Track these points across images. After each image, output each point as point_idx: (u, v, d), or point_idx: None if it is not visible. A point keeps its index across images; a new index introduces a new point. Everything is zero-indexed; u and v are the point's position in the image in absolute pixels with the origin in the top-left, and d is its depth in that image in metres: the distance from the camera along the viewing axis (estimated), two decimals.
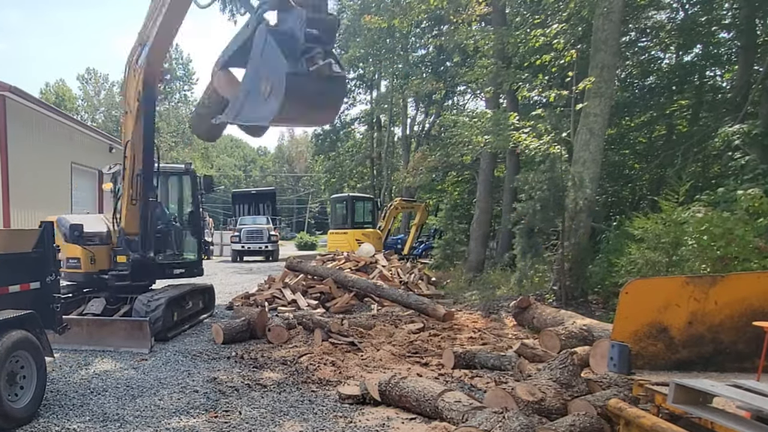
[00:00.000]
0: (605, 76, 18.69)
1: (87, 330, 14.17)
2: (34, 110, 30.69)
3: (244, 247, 44.98)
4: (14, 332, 8.60)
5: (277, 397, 10.16)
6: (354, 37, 52.23)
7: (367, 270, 23.34)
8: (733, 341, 6.62)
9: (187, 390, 10.57)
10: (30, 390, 8.92)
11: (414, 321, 16.24)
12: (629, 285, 6.68)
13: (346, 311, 18.62)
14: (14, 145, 27.46)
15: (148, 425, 8.71)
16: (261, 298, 20.06)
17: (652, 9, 27.09)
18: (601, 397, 8.17)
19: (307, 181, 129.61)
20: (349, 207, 40.87)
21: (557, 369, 9.25)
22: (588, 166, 18.65)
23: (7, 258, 9.45)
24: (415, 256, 38.76)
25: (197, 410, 9.42)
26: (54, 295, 10.38)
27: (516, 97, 28.49)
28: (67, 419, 8.98)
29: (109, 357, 13.08)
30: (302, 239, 75.59)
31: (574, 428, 7.42)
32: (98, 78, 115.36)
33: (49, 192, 30.91)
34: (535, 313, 15.39)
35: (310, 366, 11.95)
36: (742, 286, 6.64)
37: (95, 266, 16.00)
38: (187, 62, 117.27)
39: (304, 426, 8.66)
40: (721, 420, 5.26)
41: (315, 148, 74.10)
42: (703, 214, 13.00)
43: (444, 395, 8.62)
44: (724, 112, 21.40)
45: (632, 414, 6.01)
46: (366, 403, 9.71)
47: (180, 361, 12.84)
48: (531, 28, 23.99)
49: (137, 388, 10.74)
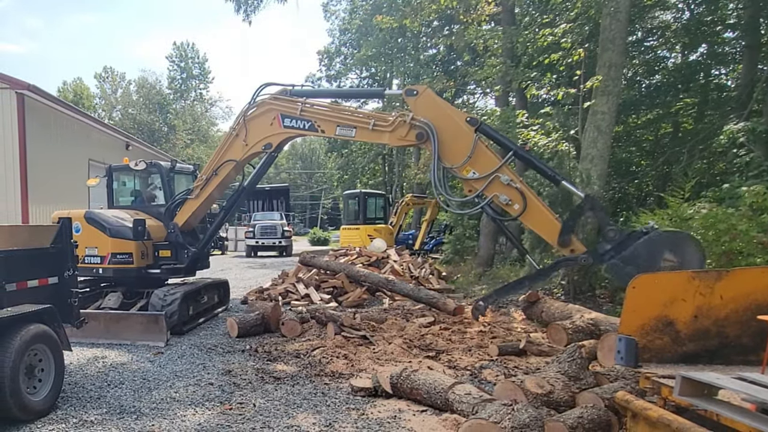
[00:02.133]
0: (612, 75, 18.67)
1: (104, 324, 14.18)
2: (52, 108, 30.79)
3: (258, 243, 44.98)
4: (33, 326, 8.63)
5: (290, 389, 10.16)
6: (366, 36, 52.22)
7: (378, 265, 23.31)
8: (738, 335, 6.60)
9: (202, 383, 10.59)
10: (48, 383, 8.95)
11: (425, 315, 16.23)
12: (636, 280, 6.66)
13: (359, 305, 18.60)
14: (33, 142, 27.57)
15: (163, 417, 8.72)
16: (275, 292, 20.07)
17: (659, 9, 27.06)
18: (608, 389, 8.17)
19: (320, 177, 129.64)
20: (362, 203, 40.88)
21: (565, 362, 9.25)
22: (596, 163, 18.63)
23: (26, 253, 9.49)
24: (425, 251, 38.69)
25: (212, 402, 9.43)
26: (72, 289, 10.41)
27: (525, 95, 28.45)
28: (84, 411, 8.99)
29: (125, 350, 13.11)
30: (315, 235, 75.53)
31: (582, 420, 7.41)
32: (115, 76, 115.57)
33: (66, 188, 30.92)
34: (543, 307, 15.36)
35: (323, 359, 11.95)
36: (747, 281, 6.63)
37: (145, 261, 16.05)
38: (203, 61, 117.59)
39: (317, 418, 8.65)
40: (727, 412, 5.25)
41: (328, 146, 74.06)
42: (708, 210, 12.97)
43: (454, 388, 8.61)
44: (729, 110, 21.35)
45: (639, 406, 6.00)
46: (378, 396, 9.72)
47: (195, 354, 12.86)
48: (539, 28, 23.99)
49: (153, 380, 10.76)
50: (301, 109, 14.16)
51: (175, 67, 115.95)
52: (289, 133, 14.59)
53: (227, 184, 16.14)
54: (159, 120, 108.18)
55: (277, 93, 14.79)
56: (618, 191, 24.34)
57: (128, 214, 16.47)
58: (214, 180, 15.42)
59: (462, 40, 28.03)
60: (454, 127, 12.70)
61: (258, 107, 14.76)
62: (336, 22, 63.18)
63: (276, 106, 14.51)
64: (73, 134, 33.50)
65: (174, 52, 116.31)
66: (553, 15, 25.09)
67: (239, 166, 15.40)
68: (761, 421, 4.98)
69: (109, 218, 15.84)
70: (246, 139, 14.89)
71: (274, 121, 14.51)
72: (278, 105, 14.51)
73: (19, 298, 9.03)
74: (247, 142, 14.90)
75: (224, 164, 15.25)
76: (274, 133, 14.60)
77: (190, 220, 16.08)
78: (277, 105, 14.51)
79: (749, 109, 19.13)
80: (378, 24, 36.29)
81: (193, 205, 15.86)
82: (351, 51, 60.96)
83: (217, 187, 15.55)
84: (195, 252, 16.18)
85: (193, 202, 15.84)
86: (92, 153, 35.85)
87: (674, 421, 5.41)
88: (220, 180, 15.40)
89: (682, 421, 5.36)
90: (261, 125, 14.75)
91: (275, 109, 14.50)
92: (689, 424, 5.29)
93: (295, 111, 14.19)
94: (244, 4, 32.47)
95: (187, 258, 16.19)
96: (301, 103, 14.21)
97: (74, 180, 31.42)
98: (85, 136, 35.31)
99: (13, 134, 26.69)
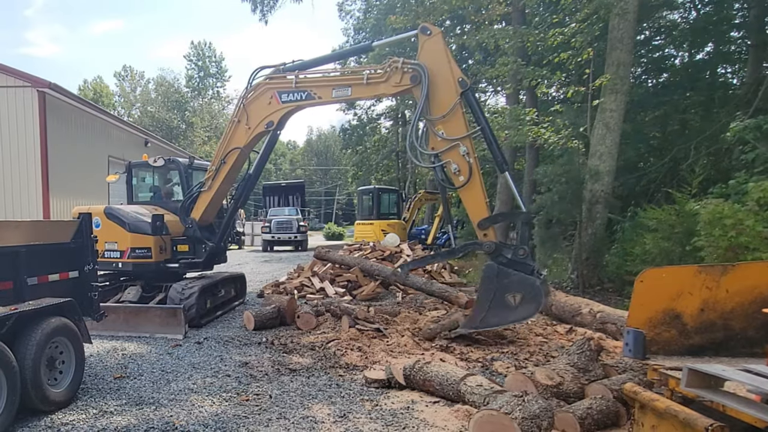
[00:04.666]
0: (621, 73, 18.71)
1: (124, 317, 14.27)
2: (73, 106, 31.02)
3: (274, 237, 45.02)
4: (54, 319, 8.67)
5: (305, 381, 10.18)
6: (380, 35, 52.18)
7: (392, 259, 23.33)
8: (743, 327, 6.59)
9: (220, 374, 10.62)
10: (69, 374, 8.99)
11: (437, 308, 16.21)
12: (644, 274, 6.66)
13: (372, 299, 18.61)
14: (53, 139, 27.79)
15: (182, 408, 8.75)
16: (290, 286, 20.10)
17: (666, 9, 27.03)
18: (617, 381, 8.18)
19: (335, 174, 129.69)
20: (375, 199, 40.74)
21: (575, 354, 9.28)
22: (604, 160, 18.67)
23: (47, 248, 9.52)
24: (438, 245, 38.67)
25: (229, 393, 9.45)
26: (92, 283, 10.44)
27: (535, 93, 28.49)
28: (104, 402, 9.02)
29: (144, 342, 13.16)
30: (330, 230, 75.64)
31: (591, 411, 7.44)
32: (134, 75, 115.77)
33: (86, 184, 31.16)
34: (553, 301, 15.34)
35: (338, 351, 12.00)
36: (752, 275, 6.62)
37: (163, 255, 16.16)
38: (220, 60, 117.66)
39: (331, 409, 8.67)
40: (733, 403, 5.25)
41: (343, 142, 74.09)
42: (715, 206, 12.96)
43: (466, 379, 8.62)
44: (735, 107, 21.30)
45: (647, 397, 6.00)
46: (391, 387, 9.75)
47: (212, 346, 12.90)
48: (549, 27, 23.97)
49: (171, 372, 10.80)
50: (296, 81, 14.34)
51: (192, 66, 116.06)
52: (288, 107, 14.67)
53: (237, 172, 16.15)
54: (177, 117, 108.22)
55: (271, 73, 15.00)
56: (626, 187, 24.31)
57: (147, 209, 16.53)
58: (223, 169, 15.46)
59: (474, 39, 27.99)
60: (446, 79, 12.94)
61: (255, 90, 14.91)
62: (351, 22, 63.26)
63: (272, 85, 14.70)
64: (93, 131, 33.66)
65: (192, 52, 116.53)
66: (563, 15, 25.06)
67: (245, 151, 15.43)
68: (766, 412, 4.98)
69: (129, 213, 15.89)
70: (248, 122, 15.00)
71: (272, 99, 14.67)
72: (274, 83, 14.70)
73: (40, 292, 9.09)
74: (249, 125, 15.01)
75: (231, 152, 15.30)
76: (274, 110, 14.74)
77: (206, 214, 16.08)
78: (273, 83, 14.70)
79: (754, 106, 19.08)
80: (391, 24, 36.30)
81: (207, 197, 15.87)
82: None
83: (227, 175, 15.58)
84: (212, 246, 16.18)
85: (207, 195, 15.85)
86: (112, 150, 36.03)
87: (681, 412, 5.41)
88: (229, 168, 15.44)
89: (689, 412, 5.36)
90: (260, 106, 14.90)
91: (271, 87, 14.67)
92: (696, 414, 5.29)
93: (290, 85, 14.38)
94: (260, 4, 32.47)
95: (205, 252, 16.21)
96: (294, 76, 14.38)
97: (94, 176, 31.57)
98: (104, 133, 35.48)
99: (35, 131, 26.88)
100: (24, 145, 26.85)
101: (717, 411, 5.33)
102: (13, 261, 8.66)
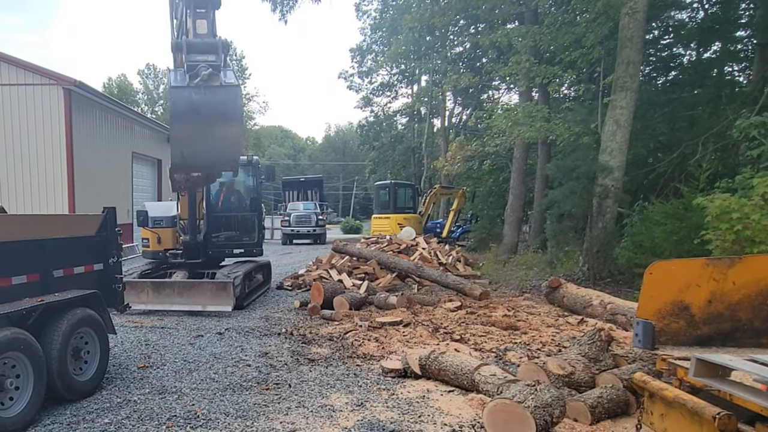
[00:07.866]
0: (630, 71, 18.67)
1: (178, 291, 15.29)
2: (98, 103, 31.15)
3: (294, 231, 45.04)
4: (79, 310, 8.72)
5: (324, 370, 10.20)
6: (396, 34, 52.20)
7: (408, 252, 23.36)
8: (750, 318, 6.57)
9: (240, 364, 10.65)
10: (93, 364, 9.05)
11: (452, 300, 16.27)
12: (653, 266, 6.64)
13: (389, 290, 18.60)
14: (79, 136, 27.97)
15: (203, 397, 8.77)
16: (309, 278, 20.18)
17: (674, 8, 26.96)
18: (626, 370, 8.19)
19: (353, 168, 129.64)
20: (392, 193, 40.87)
21: (586, 345, 9.28)
22: (614, 155, 18.65)
23: (73, 241, 9.55)
24: (453, 239, 38.60)
25: (250, 383, 9.47)
26: (116, 275, 10.50)
27: (547, 90, 28.46)
28: (128, 391, 9.06)
29: (167, 333, 13.22)
30: (348, 223, 75.57)
31: (601, 400, 7.47)
32: (157, 73, 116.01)
33: (111, 179, 31.45)
34: (564, 293, 15.37)
35: (355, 342, 12.04)
36: (759, 268, 6.59)
37: (161, 246, 17.43)
38: (240, 58, 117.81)
39: (349, 398, 8.69)
40: (739, 392, 5.24)
41: (361, 138, 74.07)
42: (721, 200, 12.93)
43: (480, 369, 8.63)
44: (741, 105, 21.22)
45: (656, 386, 6.00)
46: (407, 377, 9.76)
47: (233, 337, 12.94)
48: (561, 27, 23.95)
49: (193, 362, 10.83)
50: None
51: None
52: None
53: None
54: None
55: None
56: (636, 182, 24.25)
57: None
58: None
59: (488, 38, 27.98)
60: None
61: None
62: (368, 21, 63.21)
63: None
64: (118, 128, 33.78)
65: None
66: (574, 14, 25.03)
67: None
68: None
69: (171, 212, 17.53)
70: None
71: None
72: None
73: (66, 284, 9.11)
74: None
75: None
76: None
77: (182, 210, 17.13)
78: None
79: (761, 104, 19.01)
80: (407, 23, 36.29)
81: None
82: (382, 48, 60.98)
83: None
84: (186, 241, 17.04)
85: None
86: (136, 146, 36.28)
87: (689, 401, 5.41)
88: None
89: (697, 401, 5.36)
90: None
91: None
92: (703, 403, 5.29)
93: None
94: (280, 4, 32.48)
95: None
96: None
97: (119, 171, 31.81)
98: (129, 130, 35.58)
99: (61, 128, 27.02)
100: (50, 142, 27.01)
101: (724, 400, 5.32)
102: (40, 254, 8.69)
